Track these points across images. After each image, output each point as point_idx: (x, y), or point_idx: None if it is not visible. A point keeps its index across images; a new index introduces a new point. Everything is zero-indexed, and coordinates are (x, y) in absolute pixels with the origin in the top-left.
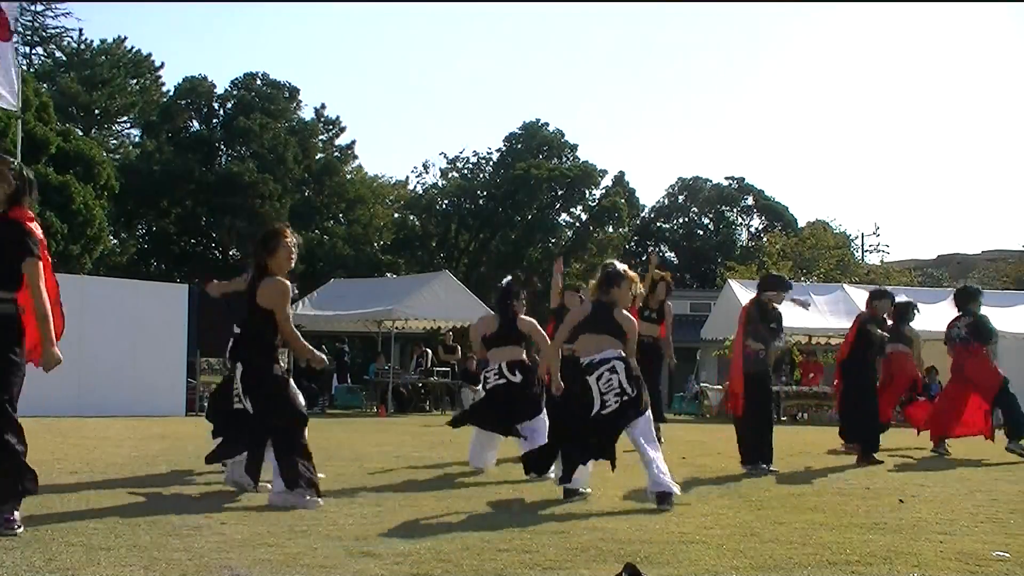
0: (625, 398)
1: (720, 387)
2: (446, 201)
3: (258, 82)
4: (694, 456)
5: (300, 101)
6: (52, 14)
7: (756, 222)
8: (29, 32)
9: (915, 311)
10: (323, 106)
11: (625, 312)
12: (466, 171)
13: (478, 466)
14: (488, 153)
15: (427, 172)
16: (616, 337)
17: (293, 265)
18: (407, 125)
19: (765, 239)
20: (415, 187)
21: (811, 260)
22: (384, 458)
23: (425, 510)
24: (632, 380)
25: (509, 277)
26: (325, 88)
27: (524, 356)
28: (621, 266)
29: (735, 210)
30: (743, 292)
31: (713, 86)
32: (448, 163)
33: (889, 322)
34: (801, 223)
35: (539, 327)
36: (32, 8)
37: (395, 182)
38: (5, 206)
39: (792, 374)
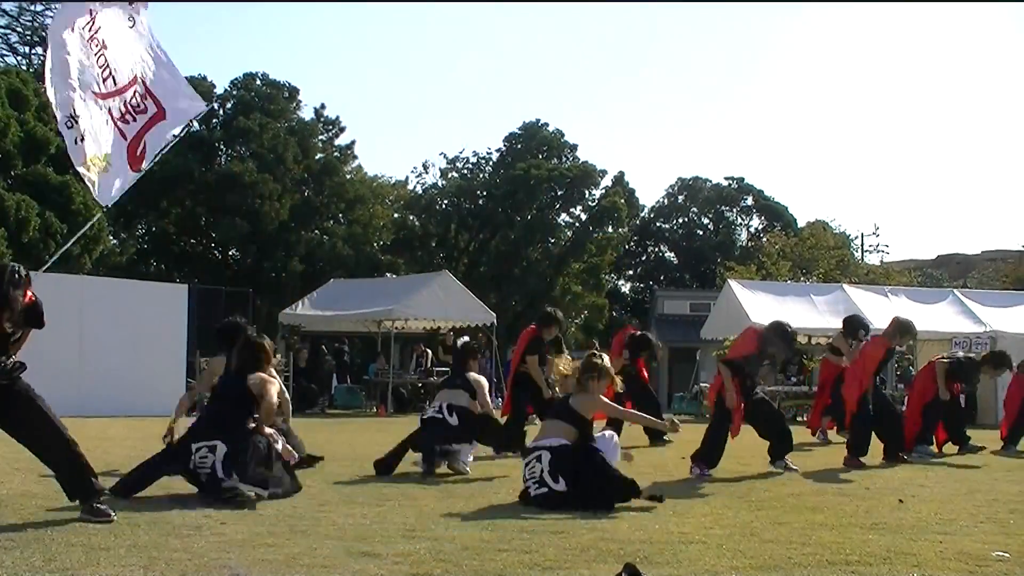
0: (544, 489)
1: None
2: (446, 201)
3: (257, 82)
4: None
5: (300, 101)
6: (52, 14)
7: (756, 222)
8: (28, 32)
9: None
10: (323, 106)
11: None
12: (466, 171)
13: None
14: (488, 153)
15: (427, 172)
16: (569, 423)
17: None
18: (407, 125)
19: (765, 239)
20: (415, 187)
21: (811, 260)
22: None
23: (425, 510)
24: (561, 470)
25: (466, 339)
26: (325, 88)
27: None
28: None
29: (735, 210)
30: (743, 292)
31: (713, 86)
32: (448, 163)
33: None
34: (801, 223)
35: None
36: (32, 8)
37: (395, 182)
38: None
39: (799, 374)
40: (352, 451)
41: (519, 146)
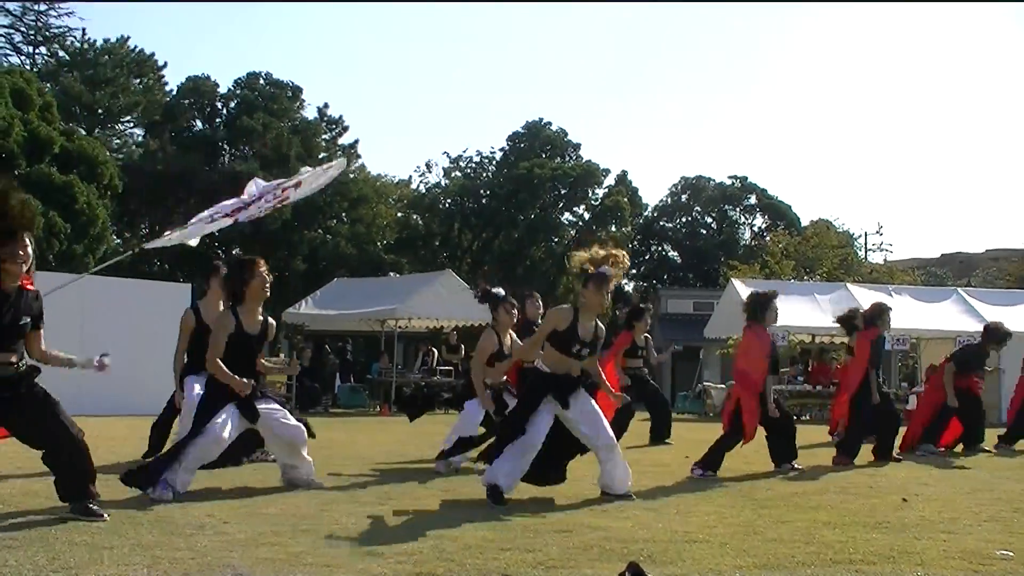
0: None
1: (724, 386)
2: (449, 200)
3: (261, 81)
4: (698, 455)
5: (303, 100)
6: (55, 13)
7: (759, 221)
8: (32, 32)
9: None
10: (326, 105)
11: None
12: (469, 170)
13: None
14: (491, 152)
15: (430, 171)
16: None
17: (267, 294)
18: (410, 124)
19: (768, 238)
20: (418, 186)
21: (814, 259)
22: (387, 457)
23: (428, 509)
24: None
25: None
26: (328, 87)
27: None
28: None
29: (738, 209)
30: (746, 291)
31: (716, 85)
32: (451, 162)
33: None
34: (804, 222)
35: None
36: (35, 8)
37: (398, 181)
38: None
39: (805, 373)
40: (355, 451)
41: (522, 145)
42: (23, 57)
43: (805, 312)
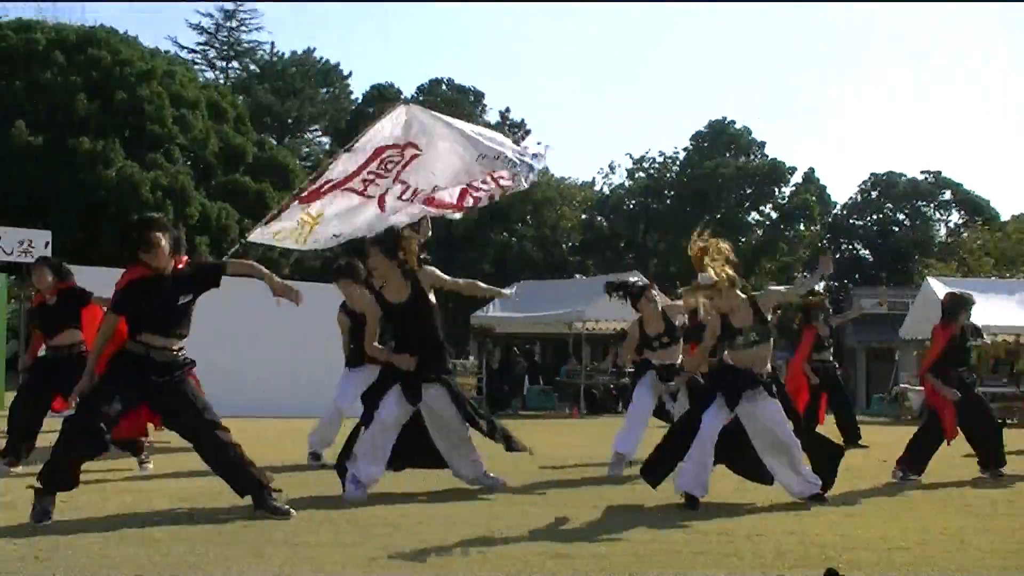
0: None
1: (922, 388)
2: (633, 201)
3: (443, 87)
4: (893, 459)
5: (485, 105)
6: (246, 29)
7: (955, 217)
8: (225, 47)
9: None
10: (508, 110)
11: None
12: (652, 171)
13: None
14: (675, 152)
15: (613, 173)
16: None
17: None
18: (592, 126)
19: (965, 235)
20: (601, 188)
21: (1016, 256)
22: (579, 459)
23: (616, 511)
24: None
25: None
26: (509, 92)
27: None
28: None
29: (932, 205)
30: (943, 290)
31: (904, 77)
32: (634, 163)
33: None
34: (1004, 217)
35: None
36: (227, 25)
37: (582, 183)
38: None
39: (1009, 375)
40: (546, 452)
41: (705, 144)
42: (217, 72)
43: (1009, 311)
